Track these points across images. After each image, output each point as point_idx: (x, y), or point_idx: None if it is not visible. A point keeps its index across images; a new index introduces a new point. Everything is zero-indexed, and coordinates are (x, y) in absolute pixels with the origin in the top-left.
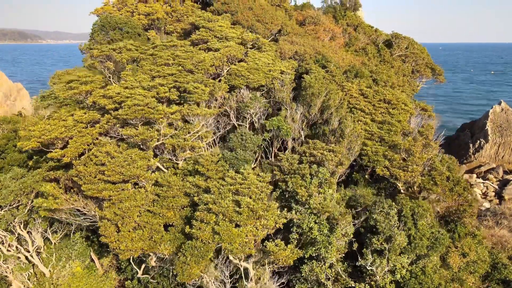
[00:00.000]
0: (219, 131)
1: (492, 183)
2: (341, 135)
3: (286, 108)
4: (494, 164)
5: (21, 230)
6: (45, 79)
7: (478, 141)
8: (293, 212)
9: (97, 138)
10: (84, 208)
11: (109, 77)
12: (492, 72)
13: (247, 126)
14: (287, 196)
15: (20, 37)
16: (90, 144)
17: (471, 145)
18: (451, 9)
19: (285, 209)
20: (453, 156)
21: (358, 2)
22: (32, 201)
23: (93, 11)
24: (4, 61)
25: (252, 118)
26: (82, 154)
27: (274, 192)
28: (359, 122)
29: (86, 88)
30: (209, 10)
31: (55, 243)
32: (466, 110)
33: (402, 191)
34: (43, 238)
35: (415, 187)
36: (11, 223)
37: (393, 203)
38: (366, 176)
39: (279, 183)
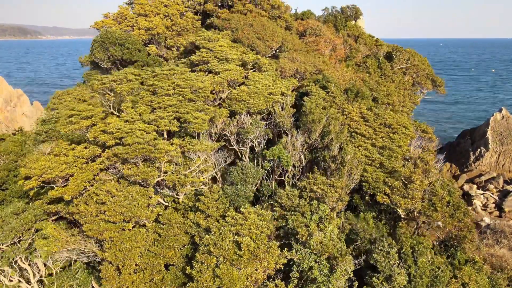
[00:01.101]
0: (220, 162)
1: (492, 193)
2: (342, 162)
3: (287, 134)
4: (495, 173)
5: (23, 262)
6: (43, 79)
7: (479, 149)
8: (293, 251)
9: (97, 174)
10: (85, 247)
11: (110, 106)
12: (493, 70)
13: (247, 150)
14: (287, 231)
15: (20, 33)
16: (91, 180)
17: (471, 153)
18: (452, 3)
19: (286, 248)
20: (453, 163)
21: (359, 11)
22: (34, 234)
23: (93, 24)
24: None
25: (253, 142)
26: (84, 188)
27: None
28: (360, 147)
29: (86, 123)
30: (208, 21)
31: (56, 272)
32: (466, 114)
33: (402, 216)
34: (44, 265)
35: (415, 213)
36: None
37: (393, 241)
38: (367, 197)
39: (279, 219)
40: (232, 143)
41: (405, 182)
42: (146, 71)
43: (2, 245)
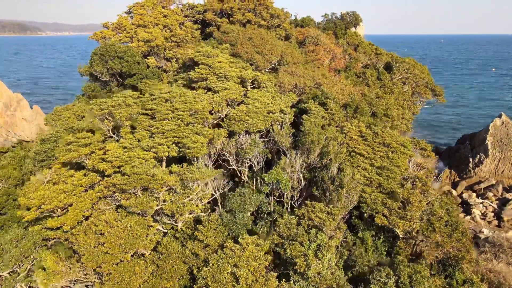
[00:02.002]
0: (220, 187)
1: (491, 202)
2: (340, 184)
3: (285, 155)
4: (494, 180)
5: None
6: (42, 78)
7: (478, 156)
8: (291, 282)
9: (96, 202)
10: (84, 276)
11: (109, 130)
12: (493, 69)
13: (246, 169)
14: (285, 260)
15: (20, 29)
16: (90, 209)
17: (471, 159)
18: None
19: (283, 279)
20: (453, 169)
21: (359, 17)
22: (33, 261)
23: (93, 35)
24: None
25: (252, 161)
26: (83, 216)
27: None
28: (358, 167)
29: (85, 151)
30: (208, 30)
31: None
32: (466, 116)
33: (401, 236)
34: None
35: (413, 233)
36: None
37: (391, 271)
38: (365, 215)
39: (277, 249)
40: (231, 163)
41: (404, 201)
42: (145, 93)
43: (2, 272)
